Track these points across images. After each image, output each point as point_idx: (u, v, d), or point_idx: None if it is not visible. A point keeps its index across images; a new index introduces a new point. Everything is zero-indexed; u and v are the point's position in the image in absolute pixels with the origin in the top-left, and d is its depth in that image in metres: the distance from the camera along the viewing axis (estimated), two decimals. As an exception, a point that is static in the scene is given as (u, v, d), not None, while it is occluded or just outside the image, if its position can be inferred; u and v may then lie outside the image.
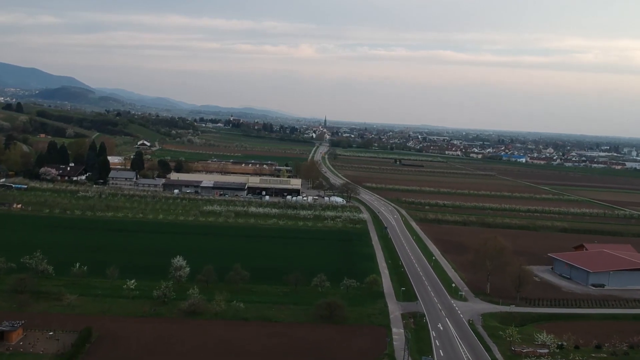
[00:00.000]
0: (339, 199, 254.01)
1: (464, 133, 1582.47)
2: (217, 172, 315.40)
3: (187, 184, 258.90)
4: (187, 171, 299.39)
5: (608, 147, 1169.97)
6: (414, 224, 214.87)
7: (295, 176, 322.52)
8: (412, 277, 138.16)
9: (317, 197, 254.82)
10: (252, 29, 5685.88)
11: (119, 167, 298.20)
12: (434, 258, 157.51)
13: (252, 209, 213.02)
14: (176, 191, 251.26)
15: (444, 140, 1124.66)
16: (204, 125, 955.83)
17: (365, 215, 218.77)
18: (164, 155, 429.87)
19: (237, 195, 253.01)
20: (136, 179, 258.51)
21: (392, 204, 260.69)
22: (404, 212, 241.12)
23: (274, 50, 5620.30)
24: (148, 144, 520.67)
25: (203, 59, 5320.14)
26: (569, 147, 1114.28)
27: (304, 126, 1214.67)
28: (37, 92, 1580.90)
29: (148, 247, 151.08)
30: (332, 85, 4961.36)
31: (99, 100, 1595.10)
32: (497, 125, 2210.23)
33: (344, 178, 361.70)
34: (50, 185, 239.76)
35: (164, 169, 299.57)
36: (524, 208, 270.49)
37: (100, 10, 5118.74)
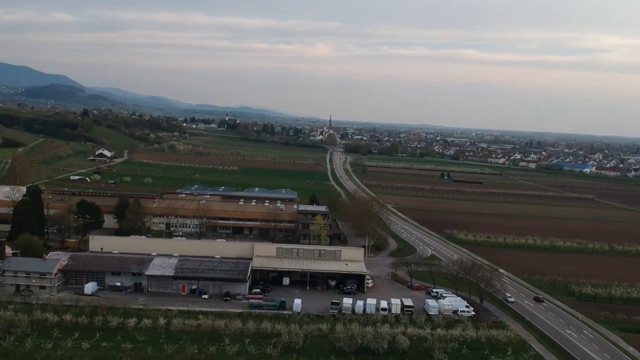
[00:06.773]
0: (458, 302, 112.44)
1: (473, 134, 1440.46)
2: (194, 217, 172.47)
3: (119, 268, 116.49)
4: (135, 219, 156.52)
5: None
6: None
7: (334, 222, 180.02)
8: None
9: (410, 307, 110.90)
10: (274, 27, 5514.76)
11: (6, 210, 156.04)
12: None
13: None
14: (90, 287, 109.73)
15: (466, 142, 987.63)
16: (194, 126, 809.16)
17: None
18: (125, 173, 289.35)
19: (228, 294, 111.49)
20: (1, 259, 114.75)
21: (571, 314, 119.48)
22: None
23: (288, 48, 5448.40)
24: (109, 154, 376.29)
25: (208, 57, 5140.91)
26: (607, 151, 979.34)
27: (306, 127, 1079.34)
28: (23, 90, 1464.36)
29: None
30: (333, 84, 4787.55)
31: (88, 99, 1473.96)
32: (503, 125, 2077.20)
33: (417, 225, 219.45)
34: None
35: (90, 215, 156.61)
36: None
37: (121, 7, 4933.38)
